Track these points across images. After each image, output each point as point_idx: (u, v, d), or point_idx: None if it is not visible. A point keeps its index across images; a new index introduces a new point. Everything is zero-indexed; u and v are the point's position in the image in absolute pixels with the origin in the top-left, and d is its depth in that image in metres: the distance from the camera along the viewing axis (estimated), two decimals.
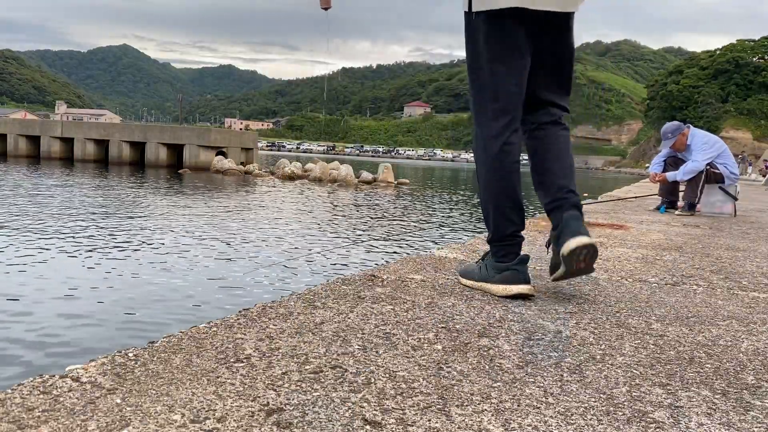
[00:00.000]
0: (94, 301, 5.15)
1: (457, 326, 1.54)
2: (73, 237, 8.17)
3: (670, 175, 6.04)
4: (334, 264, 7.35)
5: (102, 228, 9.10)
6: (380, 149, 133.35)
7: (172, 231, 9.18)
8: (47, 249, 7.23)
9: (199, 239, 8.54)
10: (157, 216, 10.93)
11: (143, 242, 8.08)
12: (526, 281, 1.91)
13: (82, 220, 9.76)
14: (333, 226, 10.77)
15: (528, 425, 1.00)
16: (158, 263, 6.80)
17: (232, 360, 1.21)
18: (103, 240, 8.08)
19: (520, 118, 1.98)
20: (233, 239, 8.70)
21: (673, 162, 6.19)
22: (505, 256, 1.93)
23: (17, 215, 9.95)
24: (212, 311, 4.99)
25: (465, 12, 1.91)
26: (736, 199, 5.96)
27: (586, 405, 1.10)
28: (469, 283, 2.02)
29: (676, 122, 6.19)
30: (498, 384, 1.17)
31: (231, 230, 9.60)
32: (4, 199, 12.23)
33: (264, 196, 16.26)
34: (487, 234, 2.02)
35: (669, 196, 6.24)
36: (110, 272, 6.23)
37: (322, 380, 1.13)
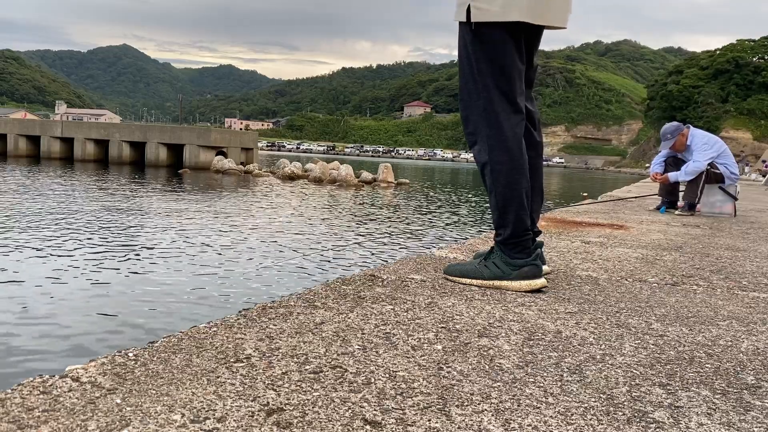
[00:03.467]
0: (94, 301, 5.15)
1: (457, 326, 1.54)
2: (73, 237, 8.17)
3: (672, 176, 6.03)
4: (334, 264, 7.35)
5: (102, 228, 9.10)
6: (380, 149, 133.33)
7: (171, 231, 9.18)
8: (47, 249, 7.23)
9: (198, 239, 8.54)
10: (157, 216, 10.93)
11: (143, 242, 8.09)
12: (541, 275, 2.02)
13: (82, 220, 9.77)
14: (333, 226, 10.77)
15: (528, 425, 1.00)
16: (158, 263, 6.80)
17: (232, 360, 1.21)
18: (103, 240, 8.08)
19: None
20: (233, 239, 8.70)
21: (674, 162, 6.19)
22: (520, 252, 2.00)
23: (17, 215, 9.95)
24: (212, 311, 4.99)
25: (474, 22, 1.97)
26: (736, 199, 5.96)
27: (586, 405, 1.10)
28: (477, 282, 2.03)
29: (675, 123, 6.18)
30: (498, 384, 1.17)
31: (231, 230, 9.60)
32: (4, 199, 12.23)
33: (264, 196, 16.26)
34: (500, 233, 2.04)
35: (669, 196, 6.23)
36: (110, 272, 6.23)
37: (322, 380, 1.13)
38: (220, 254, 7.52)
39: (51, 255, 6.91)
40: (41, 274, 5.97)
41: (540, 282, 2.00)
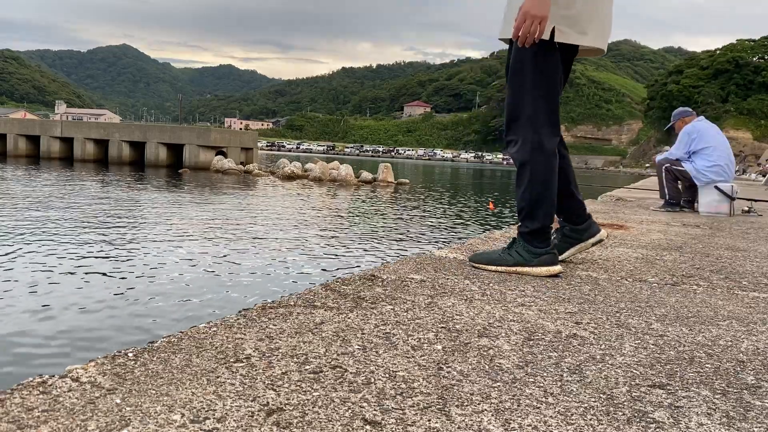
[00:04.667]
0: (93, 301, 5.15)
1: (457, 326, 1.54)
2: (73, 237, 8.17)
3: (657, 157, 6.45)
4: (334, 264, 7.35)
5: (101, 227, 9.11)
6: (380, 149, 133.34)
7: (171, 230, 9.18)
8: (46, 249, 7.23)
9: (198, 239, 8.54)
10: (157, 216, 10.93)
11: (143, 242, 8.08)
12: (557, 263, 2.30)
13: (82, 220, 9.77)
14: (333, 226, 10.77)
15: (528, 425, 1.00)
16: (158, 263, 6.80)
17: (232, 360, 1.21)
18: (103, 240, 8.08)
19: None
20: (233, 239, 8.70)
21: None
22: (542, 242, 2.27)
23: (17, 215, 9.95)
24: (212, 311, 4.99)
25: (546, 40, 2.19)
26: (732, 198, 5.96)
27: (586, 405, 1.10)
28: (502, 268, 2.28)
29: (683, 108, 6.34)
30: (498, 384, 1.17)
31: (231, 230, 9.60)
32: (4, 199, 12.23)
33: (264, 196, 16.26)
34: (527, 225, 2.28)
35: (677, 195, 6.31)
36: (110, 272, 6.23)
37: (322, 380, 1.13)
38: (220, 254, 7.52)
39: (50, 255, 6.91)
40: (40, 274, 5.97)
41: (557, 268, 2.27)
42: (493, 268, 2.28)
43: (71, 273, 6.12)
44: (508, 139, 2.33)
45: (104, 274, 6.12)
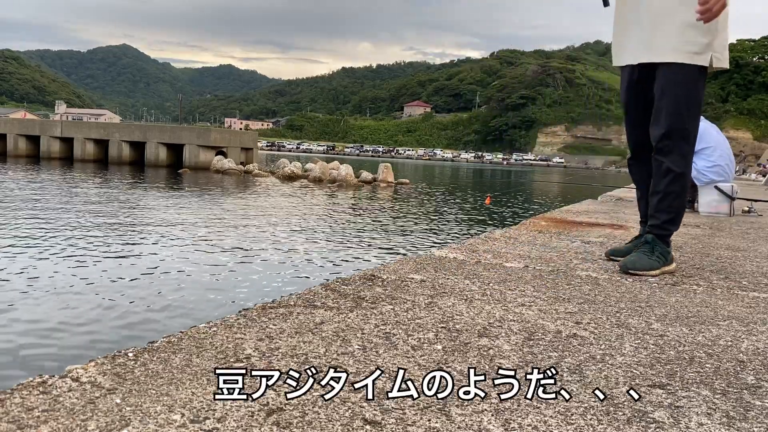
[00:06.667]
0: (94, 302, 5.15)
1: (457, 326, 1.54)
2: (73, 237, 8.17)
3: None
4: (334, 264, 7.35)
5: (101, 228, 9.10)
6: (380, 149, 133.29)
7: (172, 231, 9.18)
8: (47, 249, 7.23)
9: (198, 239, 8.54)
10: (157, 216, 10.93)
11: (142, 242, 8.08)
12: None
13: (82, 220, 9.77)
14: (333, 226, 10.77)
15: (528, 425, 1.00)
16: (158, 263, 6.80)
17: (232, 360, 1.21)
18: (103, 240, 8.08)
19: None
20: (233, 239, 8.70)
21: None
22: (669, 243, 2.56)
23: (17, 215, 9.95)
24: (212, 311, 4.99)
25: (704, 66, 2.41)
26: (732, 198, 5.95)
27: (586, 405, 1.10)
28: (658, 271, 2.45)
29: None
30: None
31: (231, 230, 9.60)
32: (4, 199, 12.23)
33: (264, 196, 16.26)
34: (670, 229, 2.54)
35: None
36: (110, 272, 6.23)
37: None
38: (220, 254, 7.52)
39: (50, 255, 6.91)
40: (41, 274, 5.97)
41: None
42: (654, 272, 2.43)
43: (71, 273, 6.12)
44: (664, 147, 2.47)
45: (104, 275, 6.13)
